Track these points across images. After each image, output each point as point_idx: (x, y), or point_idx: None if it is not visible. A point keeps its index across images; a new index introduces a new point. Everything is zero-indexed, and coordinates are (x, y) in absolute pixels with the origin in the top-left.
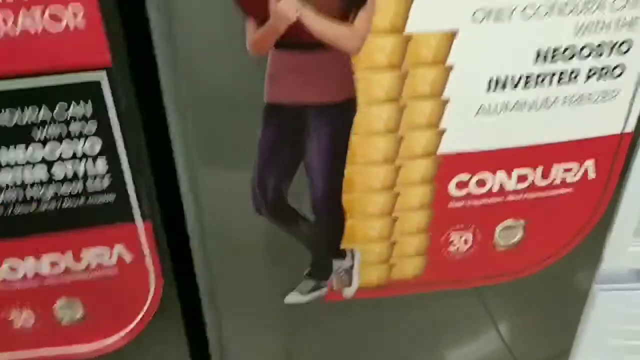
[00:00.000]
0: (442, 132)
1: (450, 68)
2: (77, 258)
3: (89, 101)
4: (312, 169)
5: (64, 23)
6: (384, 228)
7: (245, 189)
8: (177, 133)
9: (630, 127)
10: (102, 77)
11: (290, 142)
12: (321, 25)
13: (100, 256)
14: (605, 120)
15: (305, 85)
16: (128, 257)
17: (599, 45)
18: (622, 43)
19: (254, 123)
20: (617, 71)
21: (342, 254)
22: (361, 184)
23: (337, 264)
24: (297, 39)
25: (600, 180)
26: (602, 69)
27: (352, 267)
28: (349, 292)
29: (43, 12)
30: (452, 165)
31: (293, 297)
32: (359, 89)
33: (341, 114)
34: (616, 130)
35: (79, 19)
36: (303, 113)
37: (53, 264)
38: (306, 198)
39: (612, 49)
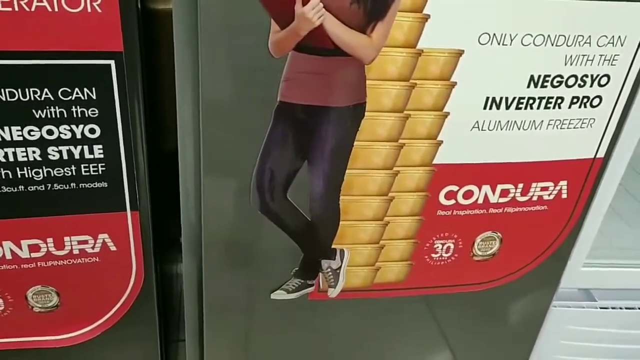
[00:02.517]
0: (439, 144)
1: (453, 84)
2: (59, 244)
3: (96, 86)
4: (315, 168)
5: (82, 4)
6: (375, 231)
7: (245, 186)
8: (185, 133)
9: (601, 153)
10: (112, 62)
11: (296, 141)
12: (342, 33)
13: (84, 243)
14: (581, 144)
15: (320, 88)
16: (113, 247)
17: (583, 77)
18: (603, 76)
19: (263, 123)
20: (596, 101)
21: (332, 254)
22: (359, 186)
23: (325, 264)
24: (317, 43)
25: (571, 201)
26: (584, 98)
27: (340, 267)
28: (333, 292)
29: None
30: (444, 175)
31: (279, 295)
32: (368, 97)
33: (350, 118)
34: (589, 154)
35: (98, 1)
36: (313, 114)
37: (33, 248)
38: (305, 196)
39: (593, 81)
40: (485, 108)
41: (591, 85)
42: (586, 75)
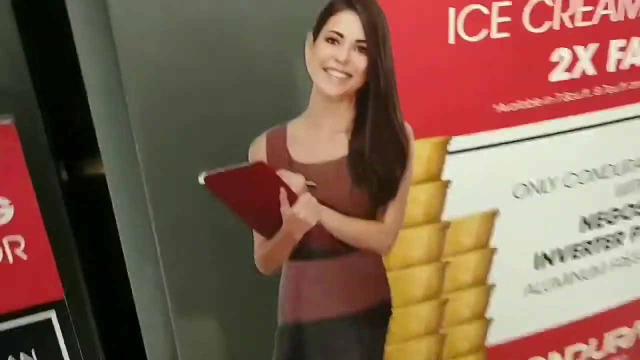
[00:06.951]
0: (488, 322)
1: (493, 251)
2: None
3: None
4: None
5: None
6: None
7: None
8: None
9: None
10: (52, 314)
11: None
12: (346, 226)
13: None
14: None
15: (329, 298)
16: None
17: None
18: None
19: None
20: None
21: None
22: None
23: None
24: (316, 245)
25: None
26: None
27: None
28: None
29: None
30: (501, 356)
31: None
32: (393, 289)
33: (373, 321)
34: None
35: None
36: (325, 330)
37: None
38: None
39: None
40: (536, 268)
41: None
42: None
